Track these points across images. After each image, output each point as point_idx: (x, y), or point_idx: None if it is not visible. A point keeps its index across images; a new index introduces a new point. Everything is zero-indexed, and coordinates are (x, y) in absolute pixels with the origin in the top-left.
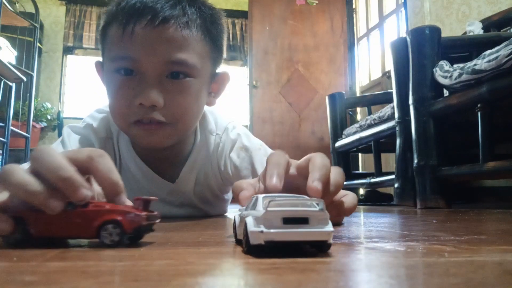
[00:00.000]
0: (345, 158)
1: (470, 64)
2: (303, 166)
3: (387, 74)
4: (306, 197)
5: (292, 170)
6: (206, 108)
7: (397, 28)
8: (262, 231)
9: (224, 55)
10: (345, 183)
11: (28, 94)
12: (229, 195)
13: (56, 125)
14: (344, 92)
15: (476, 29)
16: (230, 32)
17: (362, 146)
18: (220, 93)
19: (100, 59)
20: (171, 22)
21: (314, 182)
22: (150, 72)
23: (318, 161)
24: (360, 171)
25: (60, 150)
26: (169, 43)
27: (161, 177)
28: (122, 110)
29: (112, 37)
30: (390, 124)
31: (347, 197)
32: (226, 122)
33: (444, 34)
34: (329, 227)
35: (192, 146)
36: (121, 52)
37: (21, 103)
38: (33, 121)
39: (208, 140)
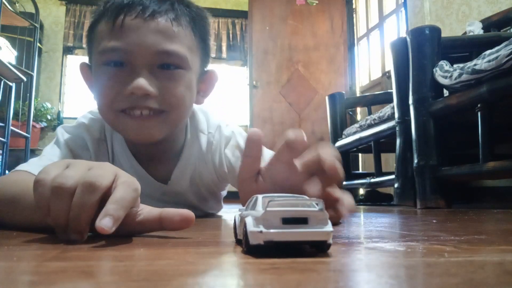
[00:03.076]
0: (345, 158)
1: (470, 64)
2: (310, 164)
3: (387, 74)
4: (306, 197)
5: (298, 166)
6: (196, 107)
7: (397, 28)
8: (261, 231)
9: (224, 55)
10: (345, 183)
11: (28, 94)
12: (224, 192)
13: (56, 125)
14: (344, 92)
15: (476, 29)
16: (230, 32)
17: (362, 146)
18: (209, 92)
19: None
20: (161, 15)
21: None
22: (140, 63)
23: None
24: (360, 171)
25: (56, 152)
26: (160, 34)
27: (155, 178)
28: (109, 99)
29: (101, 32)
30: (390, 124)
31: (345, 197)
32: (218, 120)
33: (444, 34)
34: (329, 227)
35: (183, 144)
36: (111, 44)
37: (21, 103)
38: (33, 121)
39: (200, 139)
